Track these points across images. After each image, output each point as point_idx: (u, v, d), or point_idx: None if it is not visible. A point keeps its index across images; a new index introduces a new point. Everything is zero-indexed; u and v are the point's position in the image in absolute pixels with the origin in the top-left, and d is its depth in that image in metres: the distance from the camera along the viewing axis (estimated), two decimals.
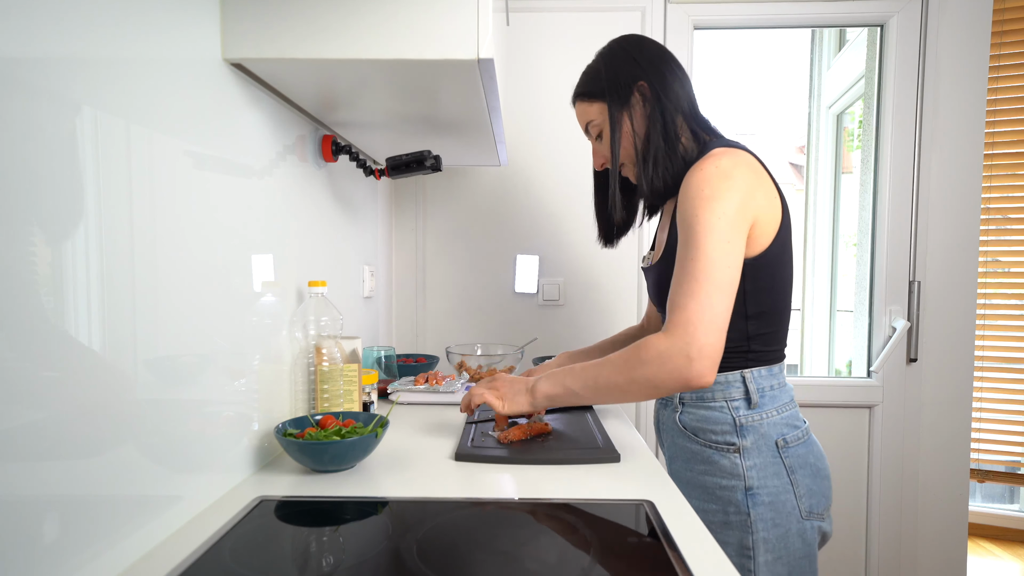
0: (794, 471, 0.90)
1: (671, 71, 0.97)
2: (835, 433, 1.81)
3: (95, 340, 0.54)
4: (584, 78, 1.03)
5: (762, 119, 3.91)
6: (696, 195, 0.85)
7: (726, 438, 0.91)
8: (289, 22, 0.78)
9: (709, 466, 0.92)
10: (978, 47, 1.72)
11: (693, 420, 0.95)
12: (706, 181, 0.85)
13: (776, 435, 0.91)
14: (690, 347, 0.80)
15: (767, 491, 0.89)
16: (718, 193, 0.84)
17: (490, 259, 1.86)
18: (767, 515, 0.89)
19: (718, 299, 0.81)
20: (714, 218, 0.83)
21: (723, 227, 0.83)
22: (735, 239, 0.83)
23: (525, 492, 0.78)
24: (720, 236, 0.82)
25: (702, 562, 0.59)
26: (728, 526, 0.90)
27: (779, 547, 0.89)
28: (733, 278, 0.83)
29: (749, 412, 0.91)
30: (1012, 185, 2.30)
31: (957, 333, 1.77)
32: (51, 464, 0.49)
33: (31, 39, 0.47)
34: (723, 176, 0.85)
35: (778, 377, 0.94)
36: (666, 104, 0.95)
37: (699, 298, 0.81)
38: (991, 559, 2.34)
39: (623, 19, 1.77)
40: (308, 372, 1.00)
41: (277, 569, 0.59)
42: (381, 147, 1.34)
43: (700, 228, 0.83)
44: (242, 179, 0.82)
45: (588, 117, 1.03)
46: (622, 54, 0.99)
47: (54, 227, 0.49)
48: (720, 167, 0.86)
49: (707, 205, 0.84)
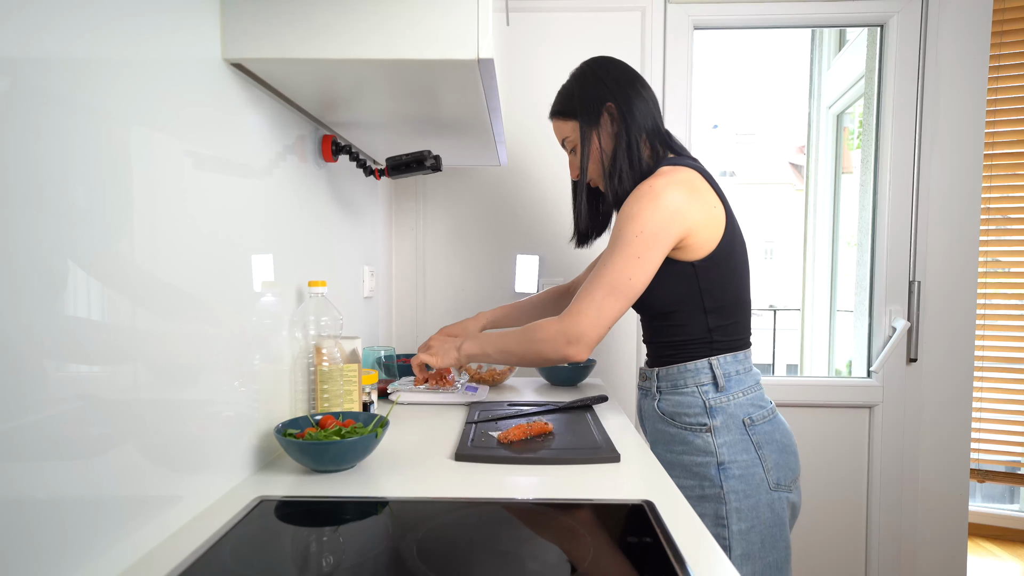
0: (761, 447, 1.00)
1: (636, 92, 1.07)
2: (835, 433, 1.81)
3: (95, 340, 0.54)
4: (559, 97, 1.15)
5: (762, 119, 3.92)
6: (625, 212, 0.98)
7: (698, 419, 1.02)
8: (289, 22, 0.78)
9: (685, 446, 1.03)
10: (978, 47, 1.72)
11: (669, 406, 1.05)
12: (636, 200, 0.98)
13: (743, 414, 1.01)
14: (570, 333, 0.98)
15: (737, 465, 0.99)
16: (641, 213, 0.96)
17: (490, 259, 1.86)
18: (738, 487, 0.98)
19: (610, 303, 0.97)
20: (631, 235, 0.96)
21: (637, 243, 0.96)
22: (647, 255, 0.96)
23: (525, 492, 0.78)
24: (631, 251, 0.96)
25: (702, 562, 0.59)
26: (704, 499, 1.00)
27: (751, 516, 0.98)
28: (633, 288, 0.97)
29: (717, 395, 1.02)
30: (1012, 185, 2.30)
31: (957, 333, 1.77)
32: (51, 464, 0.49)
33: (31, 39, 0.47)
34: (651, 197, 0.97)
35: (743, 363, 1.04)
36: (631, 123, 1.05)
37: (594, 298, 0.97)
38: (991, 559, 2.34)
39: (623, 19, 1.77)
40: (308, 372, 1.00)
41: (277, 569, 0.59)
42: (381, 147, 1.34)
43: (618, 242, 0.98)
44: (242, 179, 0.82)
45: (563, 133, 1.14)
46: (592, 76, 1.10)
47: (54, 227, 0.49)
48: (653, 188, 0.97)
49: (629, 223, 0.97)
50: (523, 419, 1.11)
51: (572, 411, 1.20)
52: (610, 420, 1.17)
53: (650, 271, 0.97)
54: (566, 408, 1.22)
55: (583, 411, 1.20)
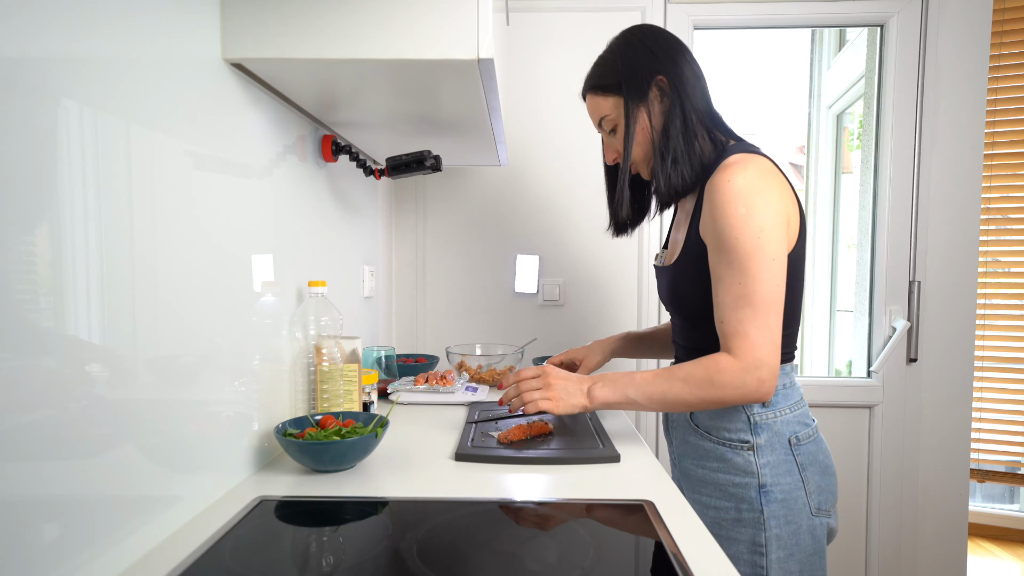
0: (805, 468, 0.91)
1: (688, 64, 0.95)
2: (835, 433, 1.81)
3: (95, 340, 0.54)
4: (597, 70, 1.00)
5: (762, 119, 3.91)
6: (731, 212, 0.85)
7: (740, 435, 0.91)
8: (289, 22, 0.78)
9: (722, 463, 0.93)
10: (978, 47, 1.72)
11: (706, 418, 0.95)
12: (739, 197, 0.85)
13: (789, 433, 0.91)
14: (760, 371, 0.84)
15: (780, 488, 0.89)
16: (754, 210, 0.84)
17: (490, 259, 1.86)
18: (779, 512, 0.89)
19: (774, 319, 0.84)
20: (755, 238, 0.83)
21: (765, 245, 0.84)
22: (778, 254, 0.85)
23: (525, 492, 0.78)
24: (765, 255, 0.84)
25: (702, 562, 0.59)
26: (740, 523, 0.90)
27: (791, 544, 0.89)
28: (782, 293, 0.85)
29: (763, 410, 0.91)
30: (1012, 185, 2.30)
31: (957, 333, 1.77)
32: (51, 464, 0.49)
33: (31, 39, 0.47)
34: (755, 191, 0.85)
35: (790, 376, 0.94)
36: (685, 100, 0.93)
37: (758, 323, 0.83)
38: (991, 559, 2.34)
39: (623, 19, 1.77)
40: (308, 372, 1.00)
41: (277, 569, 0.59)
42: (381, 147, 1.34)
43: (743, 249, 0.84)
44: (242, 179, 0.82)
45: (601, 111, 0.99)
46: (638, 45, 0.96)
47: (54, 227, 0.49)
48: (749, 180, 0.85)
49: (745, 224, 0.84)
50: (523, 419, 1.11)
51: None
52: (610, 420, 1.17)
53: (785, 272, 0.86)
54: None
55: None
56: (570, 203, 1.82)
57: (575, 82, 1.78)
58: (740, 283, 0.84)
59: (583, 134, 1.80)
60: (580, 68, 1.04)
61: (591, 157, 1.80)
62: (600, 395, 0.93)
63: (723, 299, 0.86)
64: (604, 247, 1.82)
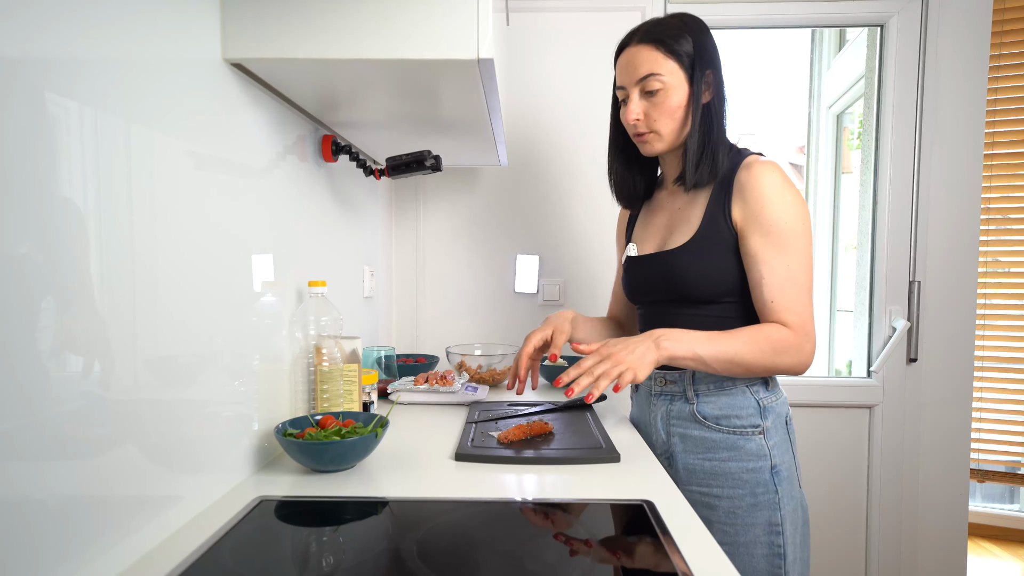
0: (794, 444, 0.98)
1: (722, 75, 1.01)
2: (835, 433, 1.81)
3: (95, 340, 0.54)
4: (663, 28, 0.97)
5: (762, 119, 3.91)
6: (780, 201, 0.92)
7: (751, 421, 0.95)
8: (289, 22, 0.78)
9: (733, 452, 0.95)
10: (978, 47, 1.72)
11: (714, 409, 0.97)
12: (784, 188, 0.93)
13: (785, 412, 0.98)
14: (811, 342, 0.92)
15: (785, 466, 0.95)
16: (799, 200, 0.93)
17: (490, 259, 1.86)
18: (787, 490, 0.94)
19: (810, 300, 0.94)
20: (802, 225, 0.93)
21: (807, 232, 0.94)
22: (810, 244, 0.95)
23: (525, 492, 0.78)
24: (808, 242, 0.94)
25: (702, 562, 0.59)
26: (757, 507, 0.93)
27: (795, 518, 0.95)
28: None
29: (768, 394, 0.97)
30: (1012, 185, 2.30)
31: (957, 333, 1.77)
32: (51, 464, 0.49)
33: (31, 39, 0.47)
34: (791, 185, 0.94)
35: None
36: (720, 102, 0.99)
37: (804, 300, 0.92)
38: (991, 559, 2.34)
39: (623, 19, 1.77)
40: (308, 372, 1.00)
41: (277, 569, 0.59)
42: (381, 147, 1.34)
43: (793, 234, 0.92)
44: (242, 179, 0.83)
45: (654, 67, 0.95)
46: (708, 36, 1.00)
47: (54, 226, 0.49)
48: (783, 176, 0.94)
49: (795, 212, 0.92)
50: (523, 419, 1.11)
51: (572, 411, 1.20)
52: (610, 420, 1.17)
53: None
54: (566, 408, 1.22)
55: (583, 411, 1.20)
56: (570, 203, 1.82)
57: (575, 82, 1.78)
58: (788, 265, 0.92)
59: (583, 134, 1.80)
60: (580, 68, 1.04)
61: (591, 157, 1.80)
62: (669, 348, 0.90)
63: (770, 279, 0.92)
64: (604, 247, 1.82)
